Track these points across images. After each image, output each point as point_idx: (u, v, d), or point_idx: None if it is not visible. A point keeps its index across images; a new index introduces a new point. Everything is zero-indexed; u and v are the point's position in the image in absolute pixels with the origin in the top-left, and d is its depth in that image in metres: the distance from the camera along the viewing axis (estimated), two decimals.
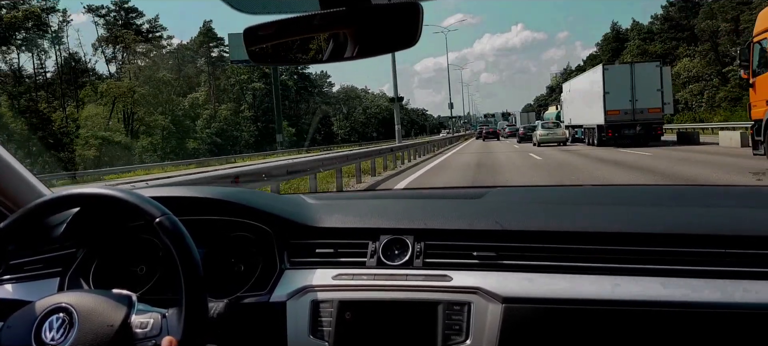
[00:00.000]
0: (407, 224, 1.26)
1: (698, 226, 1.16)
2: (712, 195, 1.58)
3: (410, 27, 0.93)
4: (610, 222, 1.20)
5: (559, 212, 1.30)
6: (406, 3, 0.93)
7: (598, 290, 1.08)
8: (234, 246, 1.32)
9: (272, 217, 1.30)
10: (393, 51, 1.03)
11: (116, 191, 1.04)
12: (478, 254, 1.18)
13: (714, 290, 1.05)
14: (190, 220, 1.09)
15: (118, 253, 1.34)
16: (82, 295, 1.00)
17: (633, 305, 1.06)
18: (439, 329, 1.11)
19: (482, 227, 1.22)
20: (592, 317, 1.07)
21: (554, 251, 1.15)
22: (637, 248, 1.12)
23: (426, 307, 1.13)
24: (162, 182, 6.73)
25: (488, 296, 1.11)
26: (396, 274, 1.19)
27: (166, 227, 0.98)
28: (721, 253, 1.09)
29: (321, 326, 1.15)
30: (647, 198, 1.53)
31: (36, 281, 1.31)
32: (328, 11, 0.93)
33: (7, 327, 0.98)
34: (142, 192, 1.09)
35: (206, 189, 1.36)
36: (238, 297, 1.21)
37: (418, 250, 1.21)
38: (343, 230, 1.28)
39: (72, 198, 1.06)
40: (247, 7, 0.99)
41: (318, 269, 1.22)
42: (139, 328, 0.95)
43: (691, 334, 1.04)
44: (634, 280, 1.09)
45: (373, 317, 1.14)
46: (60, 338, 0.93)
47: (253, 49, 1.01)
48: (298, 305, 1.18)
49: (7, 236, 1.03)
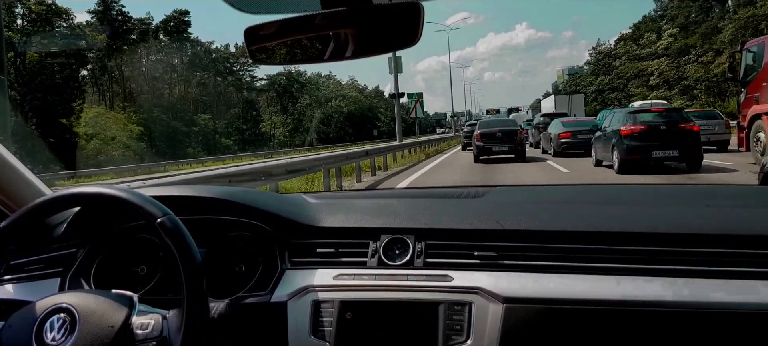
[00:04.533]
0: (408, 223, 1.26)
1: (698, 225, 1.16)
2: (712, 195, 1.58)
3: (411, 27, 0.92)
4: (611, 222, 1.20)
5: (559, 212, 1.30)
6: (406, 3, 0.93)
7: (599, 290, 1.08)
8: (235, 246, 1.32)
9: (273, 216, 1.30)
10: (393, 50, 1.03)
11: (117, 191, 1.04)
12: (479, 253, 1.18)
13: (714, 289, 1.05)
14: (190, 219, 1.09)
15: (118, 253, 1.34)
16: (83, 295, 1.00)
17: (634, 305, 1.06)
18: (440, 329, 1.11)
19: (483, 226, 1.22)
20: (592, 317, 1.07)
21: (555, 251, 1.15)
22: (638, 248, 1.12)
23: (427, 307, 1.13)
24: (162, 182, 6.72)
25: (489, 296, 1.11)
26: (397, 274, 1.18)
27: (168, 228, 0.98)
28: (722, 253, 1.09)
29: (322, 326, 1.15)
30: (647, 198, 1.53)
31: (37, 281, 1.31)
32: (328, 11, 0.93)
33: (8, 326, 0.98)
34: (142, 191, 1.09)
35: (206, 188, 1.36)
36: (239, 297, 1.21)
37: (419, 250, 1.21)
38: (344, 230, 1.28)
39: (73, 197, 1.06)
40: (247, 7, 0.99)
41: (319, 269, 1.22)
42: (139, 329, 0.95)
43: (691, 334, 1.04)
44: (634, 280, 1.08)
45: (374, 317, 1.14)
46: (61, 338, 0.93)
47: (254, 48, 1.01)
48: (298, 305, 1.18)
49: (8, 235, 1.03)
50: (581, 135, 15.59)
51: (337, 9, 0.92)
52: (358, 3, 0.93)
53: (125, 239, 1.35)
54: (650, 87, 51.45)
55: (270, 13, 0.99)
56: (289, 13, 0.98)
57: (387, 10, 0.94)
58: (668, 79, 50.51)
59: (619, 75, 57.42)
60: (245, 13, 0.99)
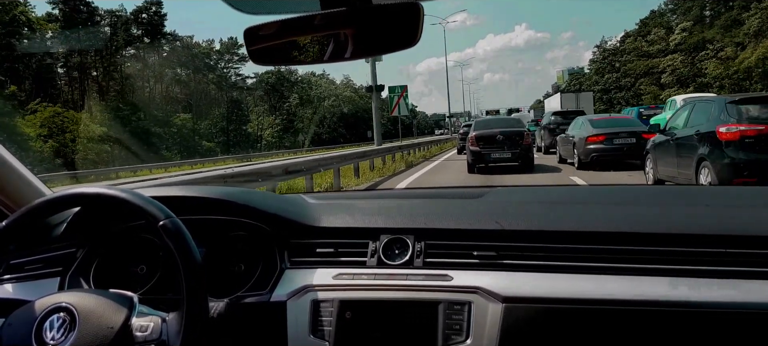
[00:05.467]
0: (408, 223, 1.26)
1: (699, 225, 1.16)
2: (713, 195, 1.58)
3: (411, 27, 0.93)
4: (611, 222, 1.20)
5: (559, 212, 1.30)
6: (406, 3, 0.93)
7: (599, 289, 1.08)
8: (234, 246, 1.32)
9: (272, 216, 1.30)
10: (393, 51, 1.03)
11: (118, 191, 1.04)
12: (478, 253, 1.18)
13: (714, 289, 1.05)
14: (190, 219, 1.09)
15: (118, 253, 1.34)
16: (84, 295, 1.00)
17: (633, 305, 1.06)
18: (440, 329, 1.11)
19: (482, 226, 1.22)
20: (592, 317, 1.07)
21: (554, 251, 1.15)
22: (638, 248, 1.13)
23: (426, 307, 1.13)
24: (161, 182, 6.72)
25: (488, 295, 1.11)
26: (396, 273, 1.19)
27: (170, 230, 0.98)
28: (722, 252, 1.09)
29: (321, 326, 1.15)
30: (647, 198, 1.53)
31: (36, 281, 1.31)
32: (328, 11, 0.93)
33: (8, 325, 0.98)
34: (142, 192, 1.09)
35: (206, 189, 1.36)
36: (239, 297, 1.21)
37: (419, 249, 1.21)
38: (344, 230, 1.28)
39: (73, 198, 1.06)
40: (247, 7, 0.99)
41: (318, 269, 1.23)
42: (139, 331, 0.95)
43: (691, 334, 1.04)
44: (634, 279, 1.09)
45: (373, 316, 1.15)
46: (60, 337, 0.93)
47: (254, 49, 1.01)
48: (298, 305, 1.18)
49: (8, 235, 1.03)
50: (619, 139, 11.18)
51: (336, 9, 0.92)
52: (357, 3, 0.93)
53: (125, 239, 1.35)
54: (661, 85, 49.33)
55: (270, 14, 0.99)
56: (289, 13, 0.98)
57: (387, 11, 0.95)
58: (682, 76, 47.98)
59: (627, 73, 55.05)
60: (245, 13, 0.99)
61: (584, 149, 11.51)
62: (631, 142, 10.75)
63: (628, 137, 11.01)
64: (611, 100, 54.59)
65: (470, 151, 12.33)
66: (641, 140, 10.13)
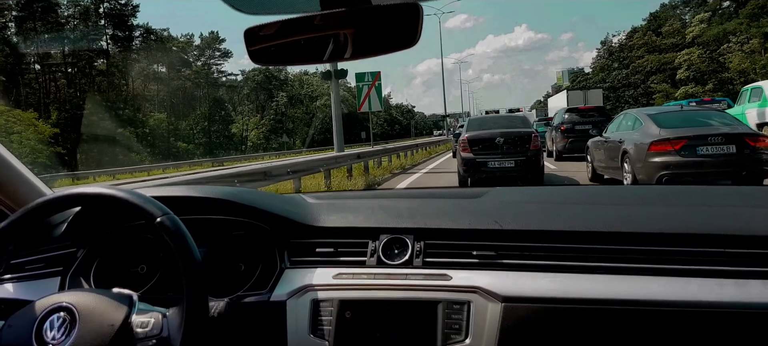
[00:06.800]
0: (407, 223, 1.26)
1: (698, 225, 1.16)
2: (712, 195, 1.58)
3: (410, 27, 0.93)
4: (610, 222, 1.20)
5: (558, 212, 1.30)
6: (406, 3, 0.93)
7: (598, 289, 1.08)
8: (234, 245, 1.32)
9: (272, 216, 1.30)
10: (393, 51, 1.04)
11: (117, 191, 1.04)
12: (477, 253, 1.18)
13: (713, 289, 1.05)
14: (190, 219, 1.09)
15: (118, 252, 1.34)
16: (83, 294, 1.00)
17: (632, 305, 1.06)
18: (439, 328, 1.11)
19: (482, 226, 1.22)
20: (591, 317, 1.07)
21: (553, 251, 1.16)
22: (637, 248, 1.13)
23: (426, 306, 1.13)
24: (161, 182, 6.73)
25: (488, 295, 1.11)
26: (396, 273, 1.19)
27: (168, 227, 0.99)
28: (721, 252, 1.09)
29: (321, 325, 1.15)
30: (647, 198, 1.53)
31: (37, 281, 1.31)
32: (328, 12, 0.93)
33: (8, 326, 0.98)
34: (143, 192, 1.10)
35: (206, 188, 1.37)
36: (239, 296, 1.22)
37: (418, 249, 1.21)
38: (343, 230, 1.29)
39: (73, 198, 1.06)
40: (247, 7, 1.00)
41: (318, 269, 1.23)
42: (139, 327, 0.96)
43: (690, 333, 1.04)
44: (633, 279, 1.09)
45: (373, 316, 1.15)
46: (61, 337, 0.93)
47: (254, 49, 1.01)
48: (298, 304, 1.18)
49: (8, 235, 1.03)
50: (708, 146, 6.85)
51: (336, 10, 0.92)
52: (357, 4, 0.93)
53: (125, 239, 1.35)
54: (675, 82, 45.43)
55: (269, 14, 0.99)
56: (289, 13, 0.98)
57: (386, 11, 0.95)
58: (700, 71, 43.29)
59: (637, 69, 50.64)
60: (245, 13, 0.99)
61: (646, 164, 7.12)
62: (730, 151, 6.80)
63: (722, 144, 6.85)
64: (619, 98, 50.84)
65: (461, 158, 9.45)
66: (745, 148, 6.76)
